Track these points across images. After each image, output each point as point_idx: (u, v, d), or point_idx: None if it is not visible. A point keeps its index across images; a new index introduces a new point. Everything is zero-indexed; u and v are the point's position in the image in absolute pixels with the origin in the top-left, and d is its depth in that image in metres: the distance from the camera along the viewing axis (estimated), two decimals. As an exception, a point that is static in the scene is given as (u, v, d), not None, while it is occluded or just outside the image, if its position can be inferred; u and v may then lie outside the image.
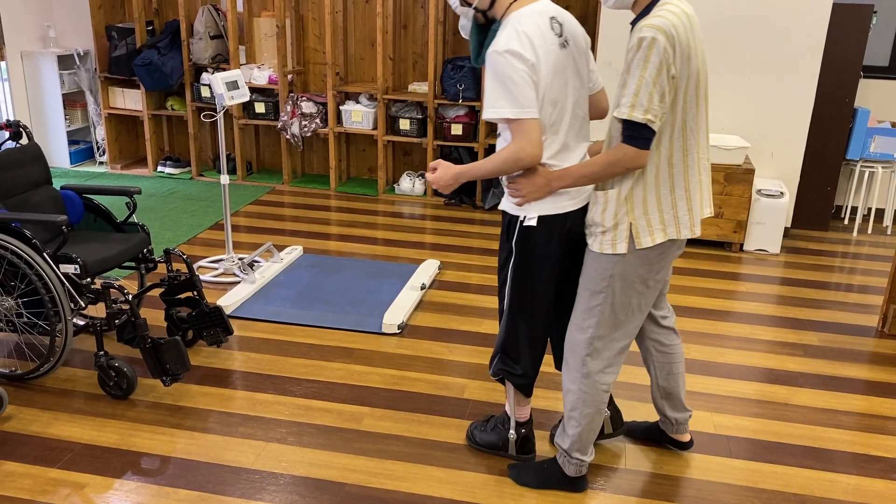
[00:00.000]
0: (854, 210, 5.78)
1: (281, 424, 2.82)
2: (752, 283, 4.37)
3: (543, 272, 2.33)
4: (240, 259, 4.27)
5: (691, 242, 5.00)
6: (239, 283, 4.07)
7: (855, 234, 5.35)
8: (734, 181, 4.72)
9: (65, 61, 6.25)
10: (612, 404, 2.73)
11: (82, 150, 6.57)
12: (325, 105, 5.91)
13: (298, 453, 2.65)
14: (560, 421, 2.54)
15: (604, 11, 5.03)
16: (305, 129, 5.81)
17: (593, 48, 5.45)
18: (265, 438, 2.73)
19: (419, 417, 2.89)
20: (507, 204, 2.33)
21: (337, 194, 5.94)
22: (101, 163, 6.54)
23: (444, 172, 2.33)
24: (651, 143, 2.06)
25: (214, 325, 3.26)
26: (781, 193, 4.81)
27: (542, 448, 2.73)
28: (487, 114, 2.16)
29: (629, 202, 2.15)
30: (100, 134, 6.46)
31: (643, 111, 2.00)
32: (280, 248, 4.66)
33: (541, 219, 2.26)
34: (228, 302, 3.73)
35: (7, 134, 3.26)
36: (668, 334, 2.57)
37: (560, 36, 2.19)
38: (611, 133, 2.18)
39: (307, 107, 5.83)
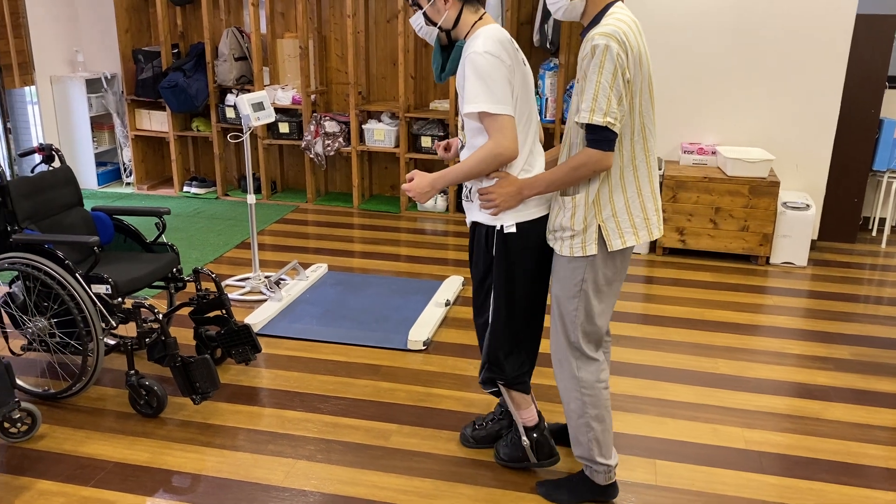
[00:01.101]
0: (882, 221, 5.71)
1: (309, 442, 2.83)
2: (779, 296, 4.33)
3: (527, 277, 2.38)
4: (266, 277, 4.31)
5: (716, 256, 4.97)
6: (266, 301, 4.10)
7: (883, 245, 5.28)
8: (759, 194, 4.69)
9: (93, 85, 6.37)
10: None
11: (109, 171, 6.68)
12: (347, 124, 5.96)
13: (327, 471, 2.66)
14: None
15: (624, 26, 5.03)
16: (329, 147, 5.87)
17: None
18: (294, 456, 2.74)
19: (447, 434, 2.89)
20: (480, 216, 2.37)
21: (360, 212, 5.98)
22: (128, 184, 6.64)
23: (420, 181, 2.37)
24: (613, 145, 2.13)
25: (243, 343, 3.29)
26: (807, 206, 4.77)
27: (569, 463, 2.71)
28: (466, 108, 2.22)
29: (597, 205, 2.21)
30: (126, 155, 6.57)
31: (603, 114, 2.07)
32: (305, 265, 4.69)
33: (519, 225, 2.31)
34: (256, 320, 3.76)
35: (40, 157, 3.32)
36: (607, 344, 2.63)
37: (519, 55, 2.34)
38: (570, 140, 2.25)
39: (330, 126, 5.89)
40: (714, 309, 4.12)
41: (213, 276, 3.26)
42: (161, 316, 2.95)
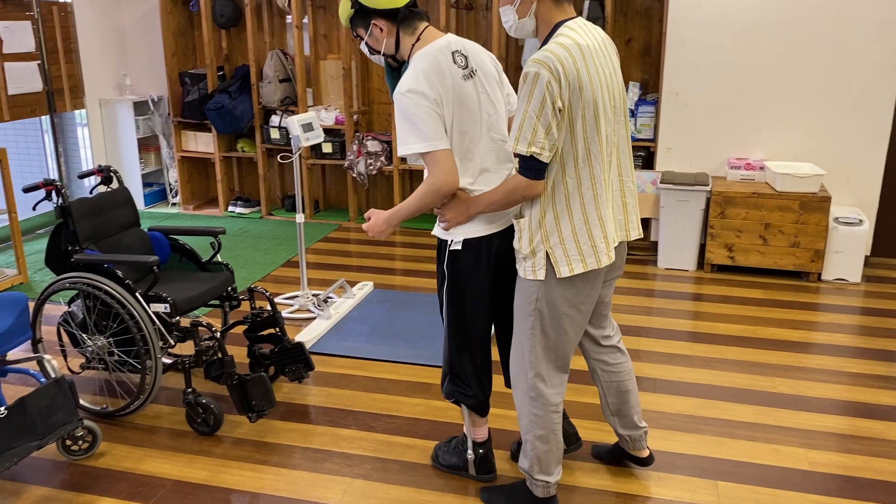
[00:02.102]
0: (936, 236, 5.57)
1: (365, 460, 2.82)
2: (833, 313, 4.24)
3: (475, 292, 2.40)
4: (314, 295, 4.33)
5: (767, 273, 4.89)
6: (314, 319, 4.13)
7: (939, 261, 5.16)
8: (810, 209, 4.61)
9: (140, 107, 6.51)
10: (566, 420, 2.79)
11: (156, 192, 6.80)
12: (389, 143, 6.00)
13: (385, 490, 2.65)
14: (519, 441, 2.65)
15: (669, 44, 5.02)
16: (371, 167, 5.91)
17: (657, 79, 5.43)
18: (351, 475, 2.73)
19: (502, 454, 2.86)
20: (437, 229, 2.43)
21: (402, 230, 6.00)
22: (174, 204, 6.75)
23: (376, 219, 2.41)
24: (543, 173, 2.13)
25: (296, 361, 3.30)
26: (860, 221, 4.68)
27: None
28: (401, 150, 2.26)
29: (542, 230, 2.21)
30: (172, 176, 6.68)
31: (527, 144, 2.08)
32: (351, 283, 4.71)
33: (466, 242, 2.35)
34: (306, 338, 3.78)
35: (98, 179, 3.39)
36: (613, 353, 2.59)
37: (465, 68, 2.30)
38: None
39: (372, 145, 5.93)
40: (767, 326, 4.05)
41: (268, 294, 3.29)
42: (219, 334, 2.97)
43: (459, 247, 2.35)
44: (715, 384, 3.40)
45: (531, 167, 2.12)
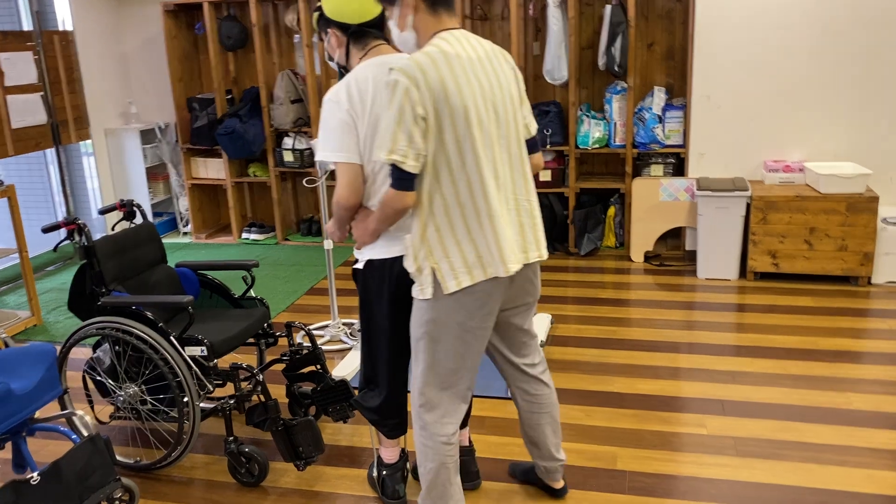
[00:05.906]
0: (979, 232, 5.37)
1: (427, 508, 2.60)
2: (891, 318, 4.03)
3: (381, 312, 2.39)
4: (345, 324, 4.12)
5: (813, 279, 4.69)
6: (348, 349, 3.91)
7: None
8: (857, 211, 4.42)
9: (147, 136, 6.31)
10: (471, 456, 2.71)
11: (166, 221, 6.59)
12: (407, 160, 5.80)
13: (454, 541, 2.42)
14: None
15: (697, 46, 4.84)
16: (390, 186, 5.71)
17: (683, 83, 5.25)
18: (414, 525, 2.52)
19: (575, 494, 2.64)
20: (354, 249, 2.44)
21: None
22: (185, 233, 6.54)
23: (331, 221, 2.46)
24: (411, 184, 2.06)
25: (340, 400, 3.08)
26: (909, 220, 4.49)
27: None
28: (317, 155, 2.29)
29: (426, 245, 2.13)
30: (183, 205, 6.48)
31: (388, 151, 2.03)
32: (381, 310, 4.49)
33: (370, 262, 2.36)
34: (344, 371, 3.56)
35: (121, 214, 3.18)
36: (535, 383, 2.46)
37: None
38: None
39: (390, 164, 5.73)
40: (825, 336, 3.84)
41: (307, 329, 3.08)
42: (261, 377, 2.76)
43: (362, 266, 2.37)
44: (786, 403, 3.19)
45: (395, 176, 2.05)
